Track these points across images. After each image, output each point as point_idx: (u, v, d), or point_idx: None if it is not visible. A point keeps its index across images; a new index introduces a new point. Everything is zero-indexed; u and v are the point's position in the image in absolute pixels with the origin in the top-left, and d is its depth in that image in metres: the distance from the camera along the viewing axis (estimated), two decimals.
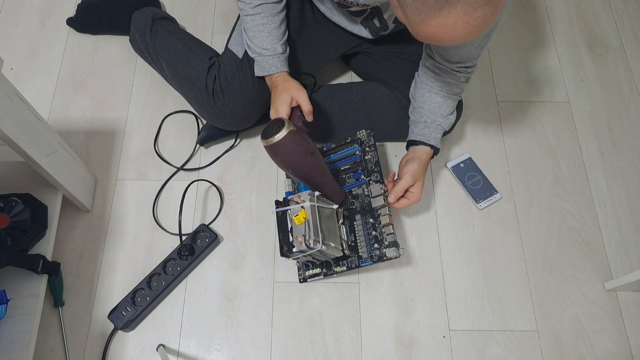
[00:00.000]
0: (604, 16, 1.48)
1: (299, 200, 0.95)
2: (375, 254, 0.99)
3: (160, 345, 1.03)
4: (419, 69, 1.06)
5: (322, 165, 0.98)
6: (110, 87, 1.31)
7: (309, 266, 1.06)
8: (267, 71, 1.03)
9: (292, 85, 0.99)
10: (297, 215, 0.92)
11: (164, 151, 1.24)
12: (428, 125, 1.05)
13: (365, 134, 1.09)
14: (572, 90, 1.36)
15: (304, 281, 1.07)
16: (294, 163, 0.92)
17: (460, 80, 1.02)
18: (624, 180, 1.25)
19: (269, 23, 1.01)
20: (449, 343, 1.07)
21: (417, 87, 1.06)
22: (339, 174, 1.10)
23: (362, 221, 1.02)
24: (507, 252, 1.16)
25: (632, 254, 1.17)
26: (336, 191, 1.02)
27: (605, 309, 1.11)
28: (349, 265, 1.01)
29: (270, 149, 0.91)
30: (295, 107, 0.98)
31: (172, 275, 1.07)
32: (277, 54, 1.02)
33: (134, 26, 1.24)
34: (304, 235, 0.91)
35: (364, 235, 1.01)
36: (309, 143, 0.94)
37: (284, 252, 0.93)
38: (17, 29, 1.39)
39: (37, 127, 0.90)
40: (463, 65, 0.99)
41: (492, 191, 1.21)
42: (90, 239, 1.14)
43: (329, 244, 0.95)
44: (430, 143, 1.04)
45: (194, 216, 1.17)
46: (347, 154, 1.10)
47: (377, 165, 1.05)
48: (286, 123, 0.90)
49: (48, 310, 1.05)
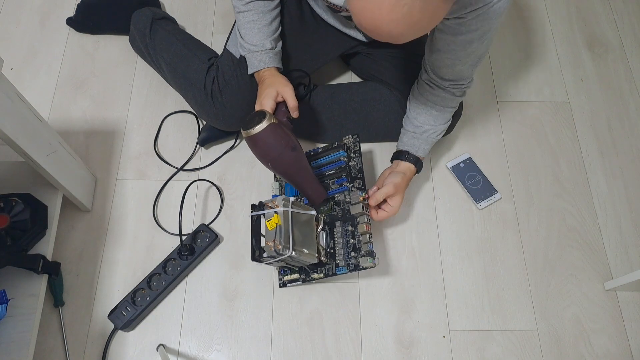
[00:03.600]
0: (604, 16, 1.48)
1: (273, 205, 0.94)
2: (351, 262, 0.97)
3: (160, 345, 1.03)
4: (417, 82, 1.06)
5: (303, 161, 0.97)
6: (110, 87, 1.31)
7: (287, 271, 1.05)
8: (255, 67, 1.02)
9: (279, 80, 0.99)
10: (270, 220, 0.91)
11: (164, 151, 1.25)
12: (418, 137, 1.05)
13: (352, 140, 1.09)
14: (572, 90, 1.36)
15: (283, 286, 1.06)
16: (273, 156, 0.91)
17: (455, 95, 1.02)
18: (624, 180, 1.25)
19: (260, 20, 1.01)
20: (449, 343, 1.07)
21: (414, 98, 1.06)
22: (323, 179, 1.09)
23: (342, 228, 1.01)
24: (507, 252, 1.16)
25: (632, 254, 1.17)
26: (317, 190, 1.01)
27: (605, 309, 1.11)
28: (326, 273, 0.99)
29: (250, 140, 0.90)
30: (281, 102, 0.98)
31: (172, 275, 1.07)
32: (266, 49, 1.01)
33: (134, 26, 1.24)
34: (274, 240, 0.90)
35: (342, 242, 1.00)
36: (290, 137, 0.93)
37: (255, 257, 0.92)
38: (17, 29, 1.39)
39: (37, 127, 0.90)
40: (456, 83, 1.00)
41: (492, 191, 1.21)
42: (90, 238, 1.14)
43: (302, 250, 0.94)
44: (419, 154, 1.05)
45: (194, 216, 1.17)
46: (333, 159, 1.09)
47: (361, 172, 1.04)
48: (267, 115, 0.90)
49: (48, 310, 1.05)
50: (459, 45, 0.90)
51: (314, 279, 1.01)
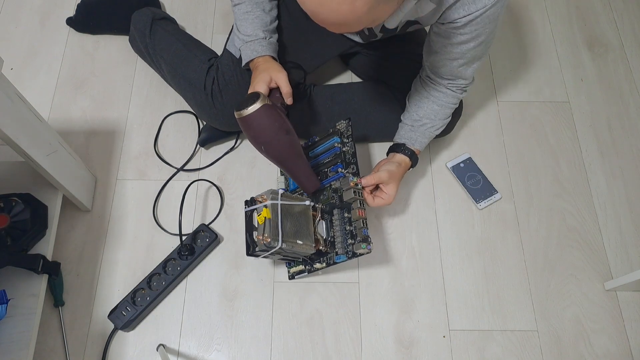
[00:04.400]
0: (604, 16, 1.48)
1: (262, 200, 0.94)
2: (349, 249, 0.96)
3: (160, 345, 1.03)
4: (418, 78, 1.07)
5: (297, 145, 0.96)
6: (110, 87, 1.31)
7: (291, 263, 1.06)
8: (248, 57, 1.01)
9: (272, 67, 0.98)
10: (260, 215, 0.91)
11: (164, 151, 1.25)
12: (415, 130, 1.06)
13: (345, 124, 1.08)
14: (572, 90, 1.36)
15: (292, 278, 1.07)
16: (267, 139, 0.91)
17: (455, 93, 1.03)
18: (624, 180, 1.25)
19: (254, 10, 1.01)
20: (449, 343, 1.07)
21: (415, 93, 1.07)
22: (321, 167, 1.08)
23: (339, 215, 1.00)
24: (507, 252, 1.16)
25: (632, 254, 1.17)
26: (310, 178, 1.00)
27: (605, 309, 1.11)
28: (328, 262, 0.99)
29: (243, 121, 0.90)
30: (275, 88, 0.97)
31: (172, 275, 1.07)
32: (259, 39, 1.01)
33: (134, 26, 1.24)
34: (263, 234, 0.90)
35: (341, 230, 0.99)
36: (284, 120, 0.92)
37: (249, 252, 0.92)
38: (17, 29, 1.39)
39: (37, 127, 0.90)
40: (455, 82, 1.01)
41: (492, 191, 1.21)
42: (90, 239, 1.14)
43: (295, 242, 0.94)
44: (415, 147, 1.05)
45: (194, 216, 1.17)
46: (328, 146, 1.08)
47: (354, 156, 1.03)
48: (261, 96, 0.89)
49: (48, 310, 1.05)
50: (455, 48, 0.91)
51: (318, 269, 1.01)
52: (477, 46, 0.90)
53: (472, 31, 0.86)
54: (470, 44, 0.89)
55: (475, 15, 0.83)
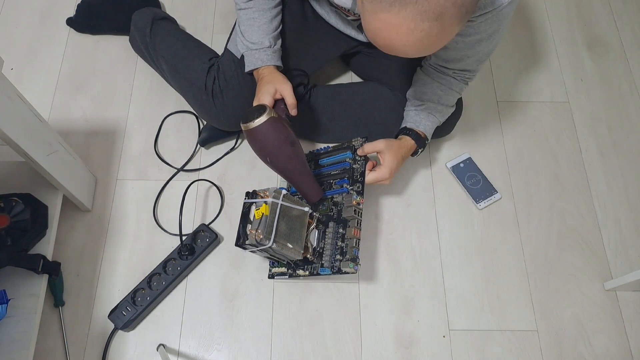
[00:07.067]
0: (604, 16, 1.48)
1: (264, 195, 0.94)
2: (336, 265, 0.96)
3: (160, 345, 1.03)
4: (419, 69, 1.07)
5: (301, 157, 0.96)
6: (110, 87, 1.31)
7: (275, 264, 1.06)
8: (253, 65, 1.02)
9: (277, 78, 0.99)
10: (258, 210, 0.92)
11: (164, 151, 1.25)
12: (420, 112, 1.05)
13: (360, 142, 1.08)
14: (572, 90, 1.36)
15: (271, 277, 1.06)
16: (272, 151, 0.92)
17: (459, 81, 1.03)
18: (624, 180, 1.25)
19: (260, 17, 1.01)
20: (449, 343, 1.07)
21: (419, 79, 1.07)
22: (327, 178, 1.09)
23: (334, 229, 1.01)
24: (507, 252, 1.16)
25: (632, 254, 1.17)
26: (313, 189, 1.00)
27: (605, 309, 1.11)
28: (311, 271, 0.99)
29: (249, 133, 0.90)
30: (279, 99, 0.98)
31: (172, 275, 1.07)
32: (264, 47, 1.01)
33: (134, 26, 1.24)
34: (257, 229, 0.91)
35: (332, 244, 0.99)
36: (289, 132, 0.93)
37: (238, 243, 0.93)
38: (17, 29, 1.39)
39: (37, 127, 0.90)
40: (459, 73, 1.01)
41: (492, 191, 1.21)
42: (90, 238, 1.14)
43: (285, 244, 0.93)
44: (420, 129, 1.05)
45: (194, 216, 1.17)
46: (339, 159, 1.09)
47: (362, 175, 1.04)
48: (267, 109, 0.90)
49: (48, 310, 1.05)
50: (467, 45, 0.92)
51: (300, 276, 1.01)
52: (490, 42, 0.91)
53: (487, 29, 0.87)
54: (484, 40, 0.90)
55: (493, 14, 0.83)
